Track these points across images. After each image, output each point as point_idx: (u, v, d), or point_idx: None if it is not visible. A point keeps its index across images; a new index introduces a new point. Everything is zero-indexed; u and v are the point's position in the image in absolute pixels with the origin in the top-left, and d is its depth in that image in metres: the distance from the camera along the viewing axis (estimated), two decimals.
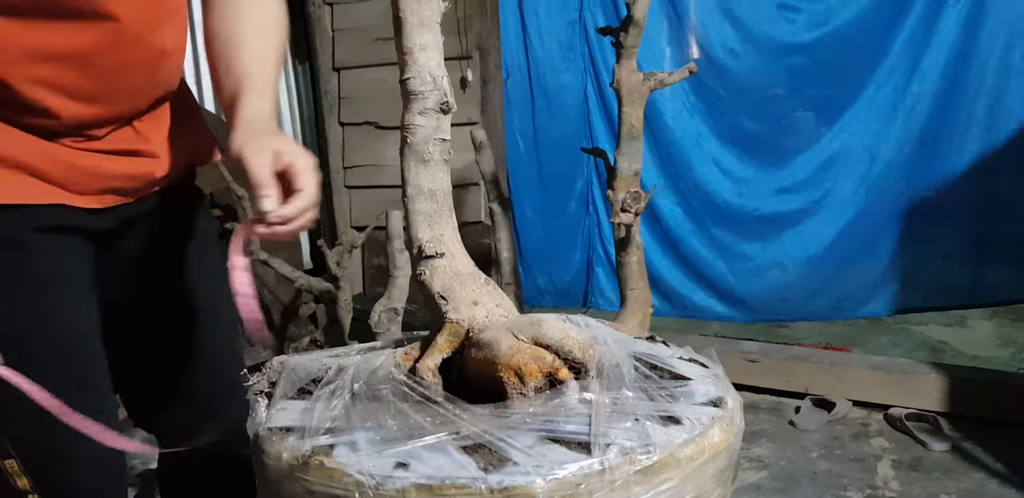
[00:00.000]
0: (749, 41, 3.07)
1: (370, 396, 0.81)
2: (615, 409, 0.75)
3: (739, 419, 0.81)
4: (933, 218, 3.08)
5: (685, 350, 0.96)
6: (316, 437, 0.75)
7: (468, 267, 0.87)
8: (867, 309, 3.20)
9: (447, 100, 0.87)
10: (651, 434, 0.72)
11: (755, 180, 3.16)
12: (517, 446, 0.70)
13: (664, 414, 0.76)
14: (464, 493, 0.65)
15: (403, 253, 2.06)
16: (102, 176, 0.98)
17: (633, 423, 0.73)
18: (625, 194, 1.98)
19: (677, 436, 0.72)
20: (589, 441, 0.70)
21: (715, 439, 0.74)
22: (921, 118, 3.00)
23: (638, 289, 2.04)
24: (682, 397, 0.81)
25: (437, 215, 0.87)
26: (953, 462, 2.11)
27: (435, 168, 0.88)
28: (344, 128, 3.33)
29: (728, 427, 0.77)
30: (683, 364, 0.91)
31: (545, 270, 3.42)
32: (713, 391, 0.83)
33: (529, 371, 0.77)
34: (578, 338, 0.81)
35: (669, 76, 2.02)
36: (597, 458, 0.68)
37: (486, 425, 0.73)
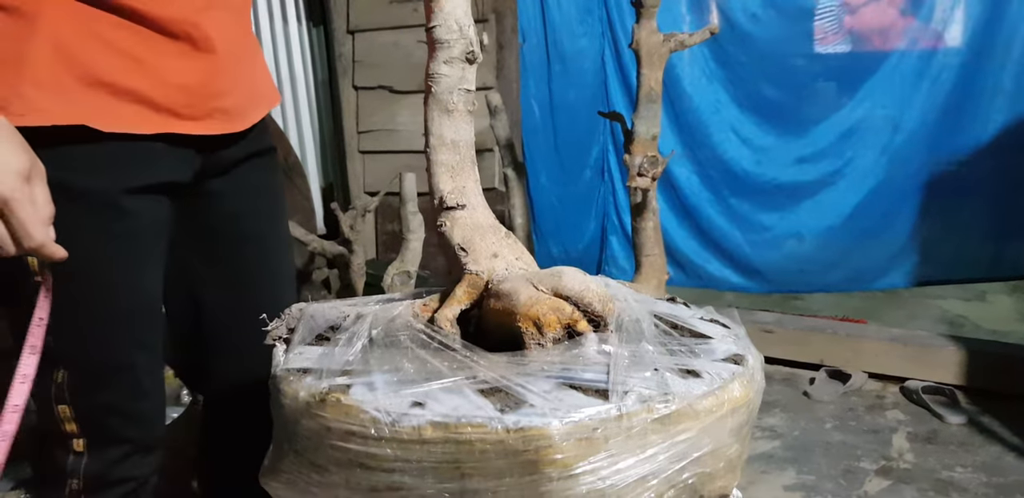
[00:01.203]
0: (771, 5, 3.00)
1: (387, 342, 0.81)
2: (634, 360, 0.74)
3: (759, 377, 0.80)
4: (955, 190, 3.02)
5: (706, 311, 0.95)
6: (333, 377, 0.75)
7: (489, 220, 0.87)
8: (885, 281, 3.16)
9: (473, 49, 0.85)
10: (670, 384, 0.71)
11: (774, 149, 3.11)
12: (534, 390, 0.69)
13: (684, 367, 0.75)
14: (480, 432, 0.65)
15: (416, 216, 2.04)
16: (205, 94, 1.00)
17: (652, 373, 0.72)
18: (642, 158, 1.94)
19: (696, 388, 0.72)
20: (607, 388, 0.69)
21: (735, 394, 0.74)
22: (946, 87, 2.92)
23: (653, 255, 2.01)
24: (703, 353, 0.80)
25: (460, 166, 0.86)
26: (969, 435, 2.09)
27: (459, 119, 0.86)
28: (358, 92, 3.29)
29: (748, 383, 0.76)
30: (704, 324, 0.90)
31: (558, 238, 3.39)
32: (734, 349, 0.82)
33: (548, 322, 0.77)
34: (598, 291, 0.81)
35: (690, 37, 1.97)
36: (615, 404, 0.67)
37: (503, 371, 0.72)
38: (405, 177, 2.07)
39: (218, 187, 1.12)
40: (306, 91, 3.38)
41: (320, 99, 3.45)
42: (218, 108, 1.03)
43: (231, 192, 1.13)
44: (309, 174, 3.34)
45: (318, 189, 3.44)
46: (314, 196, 3.33)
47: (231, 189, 1.13)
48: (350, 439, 0.70)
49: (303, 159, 3.31)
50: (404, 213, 2.08)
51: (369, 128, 3.30)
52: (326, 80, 3.44)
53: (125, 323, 1.03)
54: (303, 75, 3.36)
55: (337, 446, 0.71)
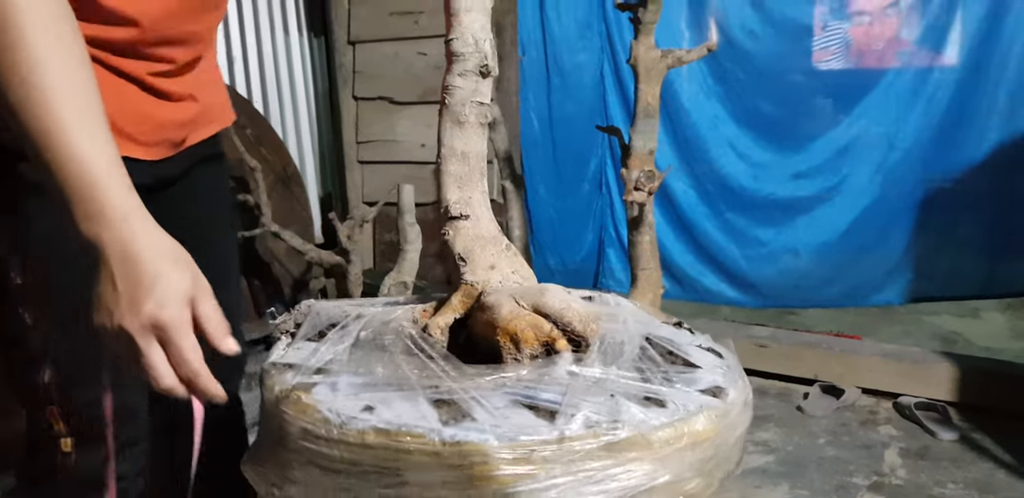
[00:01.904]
0: (769, 23, 3.03)
1: (373, 344, 0.83)
2: (597, 384, 0.73)
3: (738, 412, 0.77)
4: (950, 207, 3.05)
5: (705, 338, 0.93)
6: (308, 375, 0.78)
7: (491, 231, 0.88)
8: (880, 297, 3.18)
9: (487, 63, 0.87)
10: (622, 411, 0.69)
11: (771, 164, 3.13)
12: (485, 406, 0.69)
13: (650, 395, 0.73)
14: (418, 442, 0.66)
15: (414, 227, 2.05)
16: (163, 125, 1.03)
17: (607, 399, 0.71)
18: (639, 172, 1.95)
19: (654, 418, 0.70)
20: (558, 410, 0.69)
21: (697, 427, 0.71)
22: (941, 105, 2.96)
23: (649, 269, 2.02)
24: (681, 383, 0.78)
25: (467, 178, 0.88)
26: (961, 452, 2.10)
27: (469, 130, 0.88)
28: (358, 102, 3.31)
29: (718, 418, 0.73)
30: (699, 352, 0.88)
31: (556, 250, 3.41)
32: (719, 381, 0.80)
33: (525, 338, 0.78)
34: (580, 311, 0.81)
35: (687, 53, 1.99)
36: (558, 426, 0.67)
37: (465, 383, 0.73)
38: (403, 189, 2.08)
39: (168, 194, 1.13)
40: (306, 101, 3.40)
41: (320, 109, 3.47)
42: (170, 139, 1.07)
43: (180, 197, 1.15)
44: (307, 183, 3.35)
45: (316, 199, 3.45)
46: (312, 205, 3.34)
47: (179, 195, 1.15)
48: (307, 437, 0.71)
49: (302, 168, 3.32)
50: (402, 224, 2.09)
51: (368, 138, 3.32)
52: (326, 90, 3.46)
53: None
54: (303, 85, 3.38)
55: (297, 443, 0.72)
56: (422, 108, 3.19)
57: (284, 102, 3.30)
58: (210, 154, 1.21)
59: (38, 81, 0.69)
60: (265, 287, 2.89)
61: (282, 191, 2.99)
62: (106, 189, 0.69)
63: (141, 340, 0.68)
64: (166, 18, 1.01)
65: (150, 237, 0.71)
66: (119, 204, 0.70)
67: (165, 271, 0.69)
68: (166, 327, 0.67)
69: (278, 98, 3.27)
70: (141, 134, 1.03)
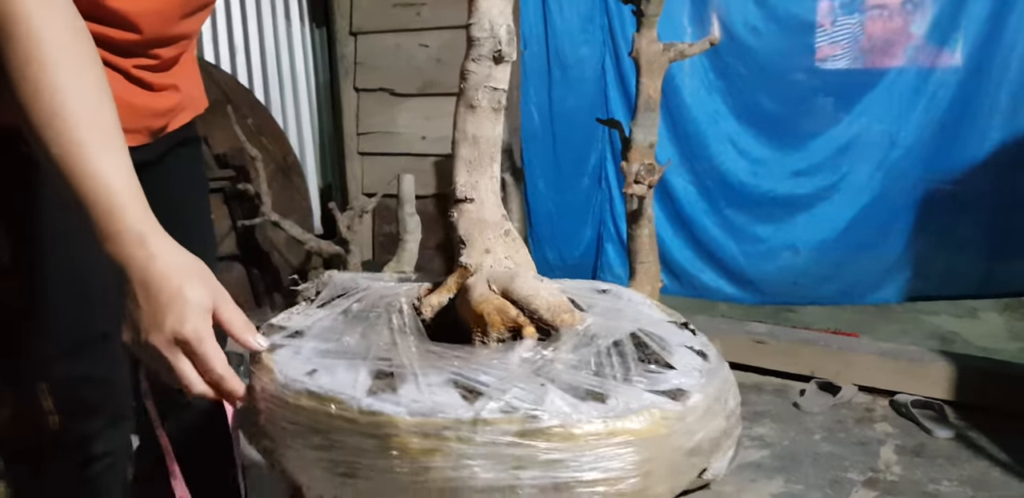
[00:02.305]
0: (772, 19, 3.02)
1: (360, 315, 0.85)
2: (539, 372, 0.72)
3: (697, 418, 0.73)
4: (949, 207, 3.04)
5: (701, 341, 0.88)
6: (283, 338, 0.81)
7: (494, 216, 0.88)
8: (877, 296, 3.17)
9: (500, 48, 0.86)
10: (548, 400, 0.68)
11: (771, 161, 3.12)
12: (419, 381, 0.70)
13: (592, 389, 0.71)
14: (340, 407, 0.69)
15: (413, 218, 2.05)
16: (143, 114, 1.05)
17: (539, 387, 0.70)
18: (639, 166, 1.95)
19: (585, 411, 0.68)
20: (484, 392, 0.69)
21: (633, 426, 0.68)
22: (943, 104, 2.95)
23: (648, 262, 2.02)
24: (641, 382, 0.74)
25: (477, 162, 0.88)
26: (957, 450, 2.10)
27: (481, 115, 0.88)
28: (359, 94, 3.30)
29: (663, 420, 0.70)
30: (686, 354, 0.83)
31: (555, 244, 3.40)
32: (685, 384, 0.75)
33: (491, 321, 0.78)
34: (549, 299, 0.80)
35: (689, 47, 1.99)
36: (475, 408, 0.67)
37: (418, 360, 0.74)
38: (403, 179, 2.08)
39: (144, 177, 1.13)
40: (307, 92, 3.39)
41: (321, 100, 3.46)
42: (150, 127, 1.09)
43: (156, 180, 1.15)
44: (307, 174, 3.34)
45: (316, 189, 3.45)
46: (312, 196, 3.34)
47: (155, 178, 1.13)
48: (263, 396, 0.75)
49: (302, 159, 3.32)
50: (402, 214, 2.09)
51: (369, 130, 3.31)
52: (327, 81, 3.45)
53: (98, 294, 1.05)
54: (304, 76, 3.37)
55: (258, 401, 0.76)
56: (422, 100, 3.19)
57: (285, 92, 3.29)
58: (185, 138, 1.23)
59: (59, 107, 0.73)
60: (264, 276, 2.88)
61: (282, 181, 2.98)
62: (123, 212, 0.73)
63: (168, 354, 0.73)
64: (165, 23, 1.03)
65: (167, 256, 0.74)
66: (136, 226, 0.74)
67: (183, 288, 0.73)
68: (188, 341, 0.72)
69: (279, 88, 3.27)
70: (125, 121, 1.03)
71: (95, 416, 1.10)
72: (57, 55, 0.74)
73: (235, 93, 2.83)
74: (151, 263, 0.73)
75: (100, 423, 1.11)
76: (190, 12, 1.07)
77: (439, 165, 3.21)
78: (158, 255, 0.74)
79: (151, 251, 0.74)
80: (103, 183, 0.73)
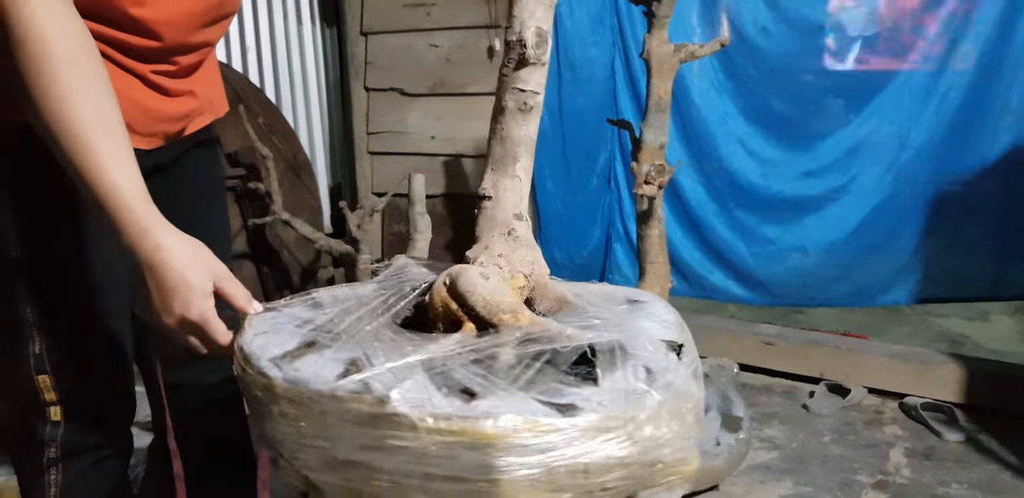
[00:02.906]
0: (783, 20, 3.01)
1: (376, 295, 0.92)
2: (427, 363, 0.74)
3: (584, 437, 0.69)
4: (960, 208, 3.02)
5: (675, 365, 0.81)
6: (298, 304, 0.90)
7: (505, 215, 0.91)
8: (887, 298, 3.15)
9: (524, 51, 0.89)
10: (403, 387, 0.69)
11: (780, 162, 3.11)
12: (326, 354, 0.77)
13: (470, 386, 0.71)
14: (251, 368, 0.78)
15: (424, 217, 2.05)
16: (159, 118, 1.08)
17: (408, 376, 0.71)
18: (650, 166, 1.95)
19: (439, 405, 0.68)
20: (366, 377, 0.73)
21: (484, 429, 0.67)
22: (954, 105, 2.93)
23: (657, 263, 2.02)
24: (539, 391, 0.72)
25: (501, 161, 0.92)
26: (966, 453, 2.09)
27: (508, 116, 0.91)
28: (369, 93, 3.31)
29: (528, 429, 0.68)
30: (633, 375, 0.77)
31: (563, 244, 3.40)
32: (590, 403, 0.71)
33: (435, 313, 0.84)
34: (487, 297, 0.81)
35: (700, 48, 1.99)
36: (339, 385, 0.71)
37: (357, 338, 0.80)
38: (414, 178, 2.08)
39: (161, 177, 1.16)
40: (317, 91, 3.40)
41: (331, 99, 3.47)
42: (166, 131, 1.12)
43: (173, 180, 1.19)
44: (318, 173, 3.35)
45: (326, 188, 3.45)
46: (322, 195, 3.35)
47: (173, 178, 1.19)
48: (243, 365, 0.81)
49: (312, 158, 3.32)
50: (412, 214, 2.09)
51: (379, 129, 3.32)
52: (338, 81, 3.46)
53: (102, 291, 1.09)
54: (315, 75, 3.38)
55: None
56: (432, 100, 3.19)
57: (296, 91, 3.30)
58: (203, 140, 1.25)
59: (72, 118, 0.83)
60: (274, 274, 2.89)
61: (292, 180, 2.99)
62: (130, 209, 0.84)
63: (178, 331, 0.86)
64: (185, 31, 1.05)
65: (170, 246, 0.85)
66: (142, 221, 0.84)
67: (186, 275, 0.84)
68: (193, 322, 0.84)
69: (290, 87, 3.28)
70: (140, 125, 1.06)
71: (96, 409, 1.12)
72: (66, 69, 0.83)
73: (246, 92, 2.84)
74: (157, 253, 0.84)
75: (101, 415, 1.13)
76: (211, 21, 1.08)
77: (449, 165, 3.21)
78: (163, 246, 0.84)
79: (156, 242, 0.84)
80: (112, 185, 0.83)
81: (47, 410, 1.08)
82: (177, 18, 1.02)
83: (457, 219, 3.24)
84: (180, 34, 1.04)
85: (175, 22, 1.02)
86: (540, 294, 0.94)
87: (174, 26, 1.02)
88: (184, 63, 1.10)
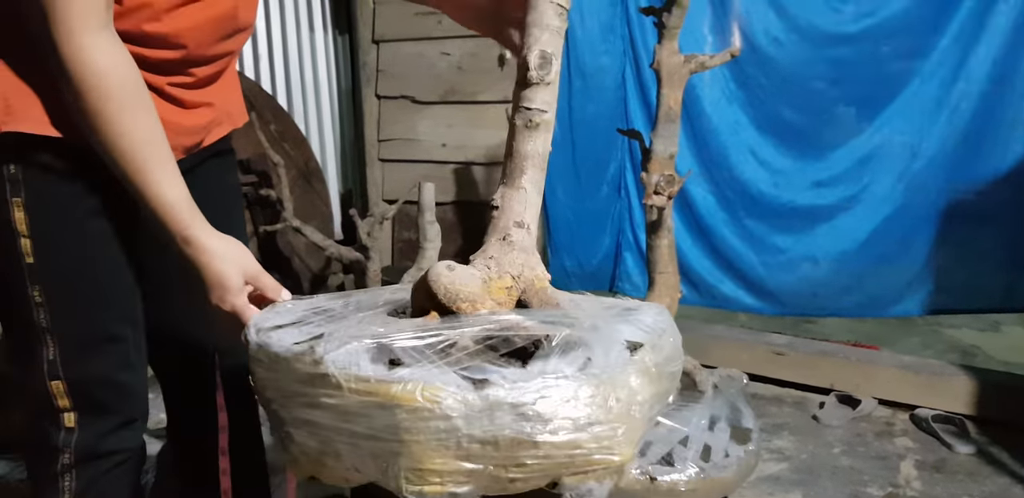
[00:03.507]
0: (794, 30, 3.01)
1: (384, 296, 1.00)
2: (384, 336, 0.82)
3: (482, 409, 0.73)
4: (972, 219, 3.01)
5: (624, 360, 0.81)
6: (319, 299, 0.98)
7: (506, 223, 0.96)
8: (899, 308, 3.14)
9: (529, 72, 0.96)
10: (346, 354, 0.78)
11: (791, 172, 3.11)
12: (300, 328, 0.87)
13: (398, 357, 0.79)
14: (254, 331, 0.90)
15: (434, 226, 2.06)
16: (176, 131, 1.09)
17: (355, 344, 0.80)
18: (659, 177, 1.95)
19: (364, 369, 0.76)
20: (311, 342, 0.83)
21: (394, 391, 0.74)
22: (966, 116, 2.92)
23: (667, 273, 2.01)
24: (464, 367, 0.77)
25: (511, 174, 0.98)
26: (978, 465, 2.08)
27: (516, 132, 0.98)
28: (380, 101, 3.33)
29: (432, 398, 0.73)
30: (566, 362, 0.78)
31: (573, 252, 3.40)
32: (503, 379, 0.74)
33: (415, 303, 0.92)
34: (447, 286, 0.87)
35: (711, 59, 1.99)
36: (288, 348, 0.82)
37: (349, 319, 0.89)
38: (424, 187, 2.09)
39: None
40: (329, 99, 3.42)
41: (343, 107, 3.49)
42: (183, 144, 1.14)
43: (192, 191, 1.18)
44: (329, 180, 3.37)
45: (337, 195, 3.47)
46: (333, 202, 3.36)
47: (191, 188, 1.18)
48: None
49: (323, 165, 3.34)
50: (422, 222, 2.09)
51: (390, 137, 3.33)
52: (349, 88, 3.48)
53: (113, 298, 1.11)
54: (327, 83, 3.40)
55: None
56: (443, 108, 3.21)
57: (308, 99, 3.32)
58: (219, 150, 1.26)
59: (127, 146, 0.95)
60: (284, 281, 2.89)
61: (304, 187, 3.00)
62: (176, 221, 0.97)
63: (228, 319, 0.98)
64: (202, 45, 1.07)
65: (208, 249, 0.98)
66: (185, 231, 0.97)
67: (221, 274, 0.97)
68: (235, 311, 0.97)
69: (302, 95, 3.30)
70: None
71: (110, 416, 1.13)
72: (119, 108, 0.94)
73: (258, 100, 2.86)
74: (199, 257, 0.97)
75: (114, 422, 1.13)
76: (226, 35, 1.09)
77: (459, 172, 3.22)
78: (203, 250, 0.97)
79: (197, 247, 0.97)
80: (160, 200, 0.96)
81: (61, 416, 1.10)
82: (191, 32, 1.04)
83: (467, 226, 3.25)
84: (196, 47, 1.06)
85: (190, 36, 1.04)
86: (534, 296, 0.95)
87: (189, 40, 1.04)
88: (201, 75, 1.11)
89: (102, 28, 0.92)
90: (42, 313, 1.06)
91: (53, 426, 1.10)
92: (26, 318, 1.06)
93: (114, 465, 1.15)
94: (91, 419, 1.11)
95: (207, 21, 1.05)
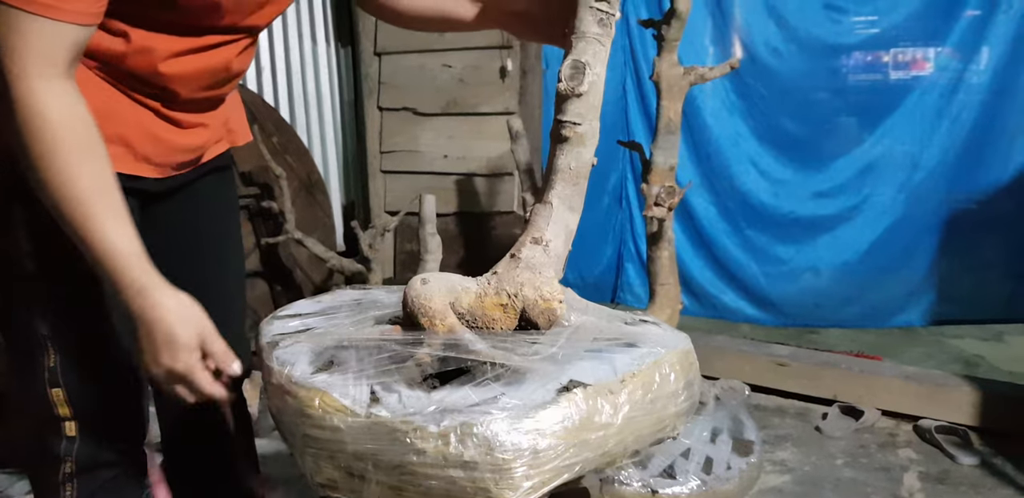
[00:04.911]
0: (793, 41, 3.02)
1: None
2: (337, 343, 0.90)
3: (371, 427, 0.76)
4: (974, 229, 3.01)
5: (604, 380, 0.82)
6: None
7: (525, 238, 0.98)
8: (901, 319, 3.14)
9: (559, 83, 0.96)
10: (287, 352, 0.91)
11: (792, 182, 3.12)
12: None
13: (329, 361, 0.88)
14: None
15: (435, 237, 2.06)
16: (170, 148, 1.11)
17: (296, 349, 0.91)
18: (659, 188, 1.95)
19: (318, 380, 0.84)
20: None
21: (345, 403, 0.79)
22: (966, 126, 2.93)
23: (668, 284, 2.01)
24: (380, 379, 0.81)
25: (543, 190, 0.99)
26: (981, 477, 2.07)
27: (552, 146, 0.99)
28: (382, 113, 3.34)
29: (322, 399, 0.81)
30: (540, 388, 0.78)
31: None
32: (400, 401, 0.77)
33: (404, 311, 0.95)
34: (414, 300, 0.90)
35: (710, 71, 2.00)
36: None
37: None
38: (425, 199, 2.10)
39: (174, 200, 1.21)
40: (331, 110, 3.43)
41: (345, 119, 3.50)
42: (180, 161, 1.14)
43: (186, 204, 1.23)
44: (331, 191, 3.37)
45: (339, 207, 3.47)
46: (335, 214, 3.36)
47: (185, 202, 1.22)
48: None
49: (325, 177, 3.35)
50: (423, 234, 2.10)
51: (392, 149, 3.34)
52: (351, 100, 3.49)
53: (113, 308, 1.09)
54: (329, 95, 3.41)
55: None
56: (445, 120, 3.22)
57: (310, 111, 3.33)
58: (218, 166, 1.27)
59: (73, 191, 0.89)
60: (287, 293, 2.91)
61: (306, 198, 3.01)
62: (126, 270, 0.91)
63: (167, 381, 0.94)
64: (199, 89, 1.09)
65: (162, 305, 0.91)
66: (137, 280, 0.91)
67: (173, 331, 0.91)
68: (180, 374, 0.93)
69: (304, 107, 3.31)
70: (156, 155, 1.10)
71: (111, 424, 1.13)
72: (66, 153, 0.88)
73: (260, 112, 2.87)
74: (149, 311, 0.91)
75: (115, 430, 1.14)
76: (219, 83, 1.11)
77: (461, 184, 3.23)
78: (155, 304, 0.91)
79: (149, 301, 0.91)
80: (112, 250, 0.90)
81: (62, 425, 1.09)
82: (183, 78, 1.05)
83: (469, 238, 3.25)
84: (187, 92, 1.08)
85: (181, 82, 1.06)
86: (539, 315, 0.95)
87: (180, 86, 1.06)
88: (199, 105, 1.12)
89: (59, 76, 0.88)
90: (43, 321, 1.06)
91: (54, 435, 1.10)
92: (28, 326, 1.06)
93: (116, 475, 1.15)
94: (92, 428, 1.11)
95: (200, 70, 1.06)
